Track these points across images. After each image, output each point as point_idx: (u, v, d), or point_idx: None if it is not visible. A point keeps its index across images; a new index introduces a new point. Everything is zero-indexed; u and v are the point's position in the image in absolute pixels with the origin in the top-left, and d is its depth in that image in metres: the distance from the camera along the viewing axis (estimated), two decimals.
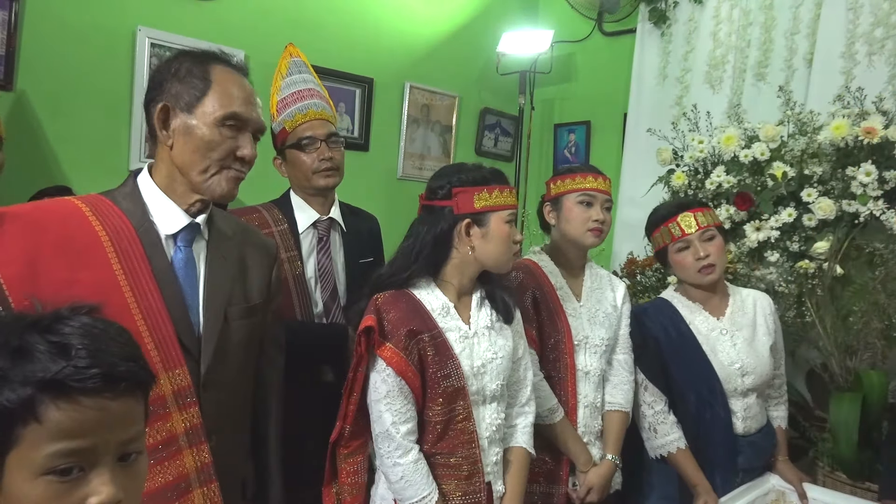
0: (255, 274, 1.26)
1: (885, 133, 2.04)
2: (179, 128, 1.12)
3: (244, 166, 1.17)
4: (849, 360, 2.07)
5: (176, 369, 1.06)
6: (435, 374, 1.34)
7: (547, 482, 1.68)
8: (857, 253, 2.14)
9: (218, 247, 1.21)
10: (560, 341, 1.70)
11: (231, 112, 1.13)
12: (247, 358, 1.23)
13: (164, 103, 1.12)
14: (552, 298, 1.72)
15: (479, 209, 1.39)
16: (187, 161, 1.13)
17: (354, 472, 1.42)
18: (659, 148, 2.58)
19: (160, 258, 1.12)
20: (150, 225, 1.13)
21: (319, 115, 1.81)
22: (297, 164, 1.78)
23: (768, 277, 2.26)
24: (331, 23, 2.81)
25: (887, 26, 2.45)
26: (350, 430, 1.40)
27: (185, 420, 1.07)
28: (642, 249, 2.73)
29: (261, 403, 1.30)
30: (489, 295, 1.47)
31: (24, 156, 1.99)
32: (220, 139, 1.12)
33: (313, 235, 1.81)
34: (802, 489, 1.73)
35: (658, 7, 3.15)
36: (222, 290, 1.18)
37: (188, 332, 1.11)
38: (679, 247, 1.77)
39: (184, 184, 1.15)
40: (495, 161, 3.65)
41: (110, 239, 1.07)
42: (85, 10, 2.13)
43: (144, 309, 1.06)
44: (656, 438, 1.74)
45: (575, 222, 1.72)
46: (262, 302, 1.27)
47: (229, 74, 1.16)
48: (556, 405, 1.66)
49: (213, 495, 1.09)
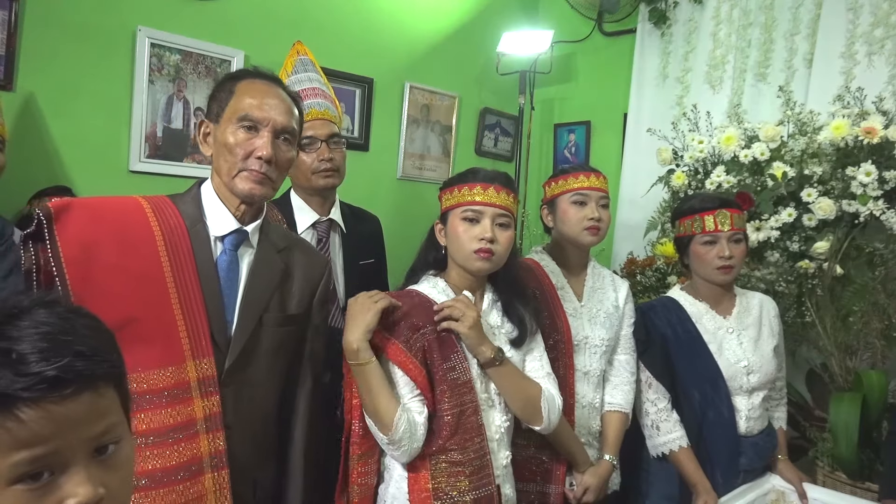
0: (297, 286, 1.32)
1: (885, 133, 2.04)
2: (213, 138, 1.25)
3: (264, 166, 1.21)
4: (849, 360, 2.08)
5: (203, 359, 1.14)
6: (440, 367, 1.35)
7: (543, 481, 1.68)
8: (857, 253, 2.14)
9: (264, 255, 1.28)
10: (559, 341, 1.70)
11: (243, 114, 1.20)
12: (275, 363, 1.27)
13: (202, 119, 1.27)
14: (552, 298, 1.72)
15: (444, 208, 1.46)
16: (219, 166, 1.23)
17: (365, 472, 1.42)
18: (659, 148, 2.58)
19: (206, 256, 1.20)
20: (203, 226, 1.23)
21: (322, 114, 1.80)
22: (297, 164, 1.77)
23: (768, 277, 2.26)
24: (331, 23, 2.81)
25: (887, 26, 2.46)
26: (360, 425, 1.39)
27: (205, 407, 1.14)
28: (642, 249, 2.73)
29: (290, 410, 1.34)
30: (505, 305, 1.48)
31: (23, 156, 1.99)
32: (235, 141, 1.20)
33: (312, 236, 1.80)
34: (803, 489, 1.73)
35: (658, 7, 3.15)
36: (261, 295, 1.25)
37: (221, 328, 1.19)
38: (706, 240, 1.75)
39: (225, 188, 1.24)
40: (495, 161, 3.65)
41: (163, 235, 1.17)
42: (85, 10, 2.13)
43: (183, 300, 1.15)
44: (658, 436, 1.74)
45: (570, 222, 1.72)
46: (301, 314, 1.32)
47: (251, 83, 1.25)
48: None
49: (222, 481, 1.15)
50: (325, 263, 1.42)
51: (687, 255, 1.82)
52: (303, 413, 1.34)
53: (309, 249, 1.45)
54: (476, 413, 1.36)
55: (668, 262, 2.44)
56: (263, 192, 1.23)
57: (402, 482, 1.37)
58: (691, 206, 1.80)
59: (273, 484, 1.31)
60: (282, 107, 1.24)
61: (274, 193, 1.29)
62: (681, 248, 1.86)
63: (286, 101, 1.27)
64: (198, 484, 1.12)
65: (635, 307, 1.86)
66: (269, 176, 1.22)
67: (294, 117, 1.28)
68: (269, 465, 1.30)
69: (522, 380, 1.44)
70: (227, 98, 1.23)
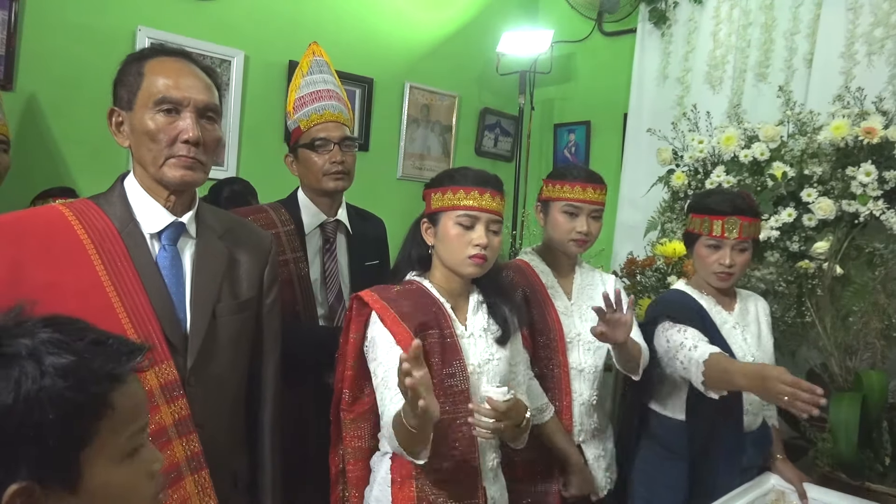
0: (245, 269, 1.27)
1: (885, 133, 2.04)
2: (127, 127, 1.15)
3: (192, 149, 1.13)
4: (849, 360, 2.07)
5: (162, 364, 1.09)
6: (439, 373, 1.34)
7: (543, 481, 1.68)
8: (857, 253, 2.14)
9: (206, 244, 1.21)
10: (552, 339, 1.70)
11: (160, 97, 1.12)
12: (237, 352, 1.23)
13: (111, 108, 1.16)
14: (543, 297, 1.73)
15: (434, 209, 1.43)
16: (141, 156, 1.14)
17: (359, 437, 1.44)
18: (659, 148, 2.58)
19: (144, 257, 1.13)
20: (135, 225, 1.15)
21: (335, 117, 1.79)
22: (308, 165, 1.77)
23: (768, 277, 2.26)
24: (331, 23, 2.81)
25: (887, 26, 2.46)
26: (350, 394, 1.42)
27: (173, 412, 1.09)
28: (642, 249, 2.73)
29: (256, 395, 1.30)
30: (490, 305, 1.48)
31: (24, 156, 1.99)
32: (156, 127, 1.12)
33: (319, 237, 1.81)
34: (803, 489, 1.72)
35: (658, 7, 3.15)
36: (210, 287, 1.19)
37: (174, 329, 1.13)
38: (711, 244, 1.72)
39: (152, 179, 1.15)
40: (495, 161, 3.65)
41: (93, 242, 1.10)
42: (85, 10, 2.13)
43: (129, 307, 1.08)
44: (696, 352, 1.57)
45: (559, 231, 1.73)
46: (254, 296, 1.27)
47: (161, 63, 1.15)
48: (546, 404, 1.66)
49: (203, 482, 1.12)
50: (270, 239, 1.37)
51: (692, 250, 1.81)
52: (269, 396, 1.31)
53: (251, 227, 1.38)
54: (470, 424, 1.36)
55: (668, 262, 2.44)
56: (195, 177, 1.15)
57: (384, 486, 1.37)
58: (706, 204, 1.75)
59: (248, 469, 1.29)
60: (200, 84, 1.16)
61: (206, 178, 1.20)
62: (688, 242, 1.84)
63: (202, 76, 1.18)
64: (180, 489, 1.09)
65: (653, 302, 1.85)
66: (198, 160, 1.14)
67: (214, 93, 1.19)
68: (243, 453, 1.28)
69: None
70: (136, 82, 1.13)
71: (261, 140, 2.62)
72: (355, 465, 1.45)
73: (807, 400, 1.31)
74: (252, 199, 2.32)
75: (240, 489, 1.25)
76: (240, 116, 2.55)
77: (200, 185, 1.20)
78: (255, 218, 1.66)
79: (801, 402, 1.31)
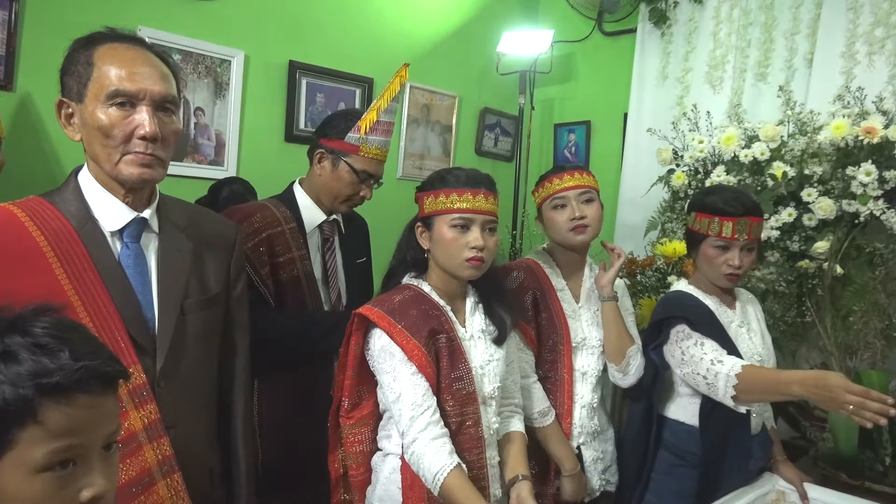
0: (211, 263, 1.22)
1: (885, 133, 2.04)
2: (78, 120, 1.08)
3: (150, 146, 1.06)
4: (849, 360, 2.07)
5: (129, 368, 1.03)
6: (448, 375, 1.35)
7: (538, 484, 1.68)
8: (857, 253, 2.14)
9: (170, 239, 1.16)
10: (558, 342, 1.70)
11: (112, 89, 1.04)
12: (207, 349, 1.20)
13: (60, 99, 1.09)
14: (552, 299, 1.73)
15: (428, 213, 1.42)
16: (95, 152, 1.08)
17: (360, 441, 1.45)
18: (659, 148, 2.58)
19: (106, 257, 1.08)
20: (93, 224, 1.09)
21: (385, 155, 1.78)
22: (338, 181, 1.73)
23: (768, 277, 2.26)
24: (331, 23, 2.81)
25: (887, 26, 2.46)
26: (350, 402, 1.43)
27: (142, 417, 1.05)
28: (642, 249, 2.73)
29: (227, 388, 1.28)
30: (486, 307, 1.48)
31: (24, 156, 1.99)
32: (110, 122, 1.04)
33: (318, 235, 1.81)
34: (804, 489, 1.72)
35: (658, 7, 3.15)
36: (177, 284, 1.14)
37: (141, 330, 1.08)
38: (718, 244, 1.68)
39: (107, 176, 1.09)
40: (495, 161, 3.65)
41: (49, 243, 1.03)
42: (85, 10, 2.12)
43: (92, 310, 1.03)
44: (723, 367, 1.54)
45: (556, 227, 1.72)
46: (222, 290, 1.23)
47: (112, 50, 1.07)
48: (548, 408, 1.66)
49: (176, 485, 1.09)
50: (235, 228, 1.32)
51: (696, 250, 1.76)
52: (240, 389, 1.29)
53: (214, 218, 1.33)
54: (476, 425, 1.37)
55: (669, 262, 2.44)
56: (154, 175, 1.09)
57: (388, 485, 1.38)
58: (713, 203, 1.69)
59: (222, 463, 1.27)
60: (156, 73, 1.08)
61: (165, 174, 1.13)
62: (691, 241, 1.79)
63: (158, 64, 1.10)
64: (153, 495, 1.05)
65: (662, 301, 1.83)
66: (157, 156, 1.08)
67: (171, 82, 1.11)
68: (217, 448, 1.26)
69: None
70: (86, 71, 1.05)
71: (261, 140, 2.62)
72: (357, 470, 1.45)
73: (877, 410, 1.25)
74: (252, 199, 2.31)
75: (215, 485, 1.23)
76: (240, 116, 2.55)
77: (160, 181, 1.14)
78: (261, 215, 1.66)
79: (870, 411, 1.26)
